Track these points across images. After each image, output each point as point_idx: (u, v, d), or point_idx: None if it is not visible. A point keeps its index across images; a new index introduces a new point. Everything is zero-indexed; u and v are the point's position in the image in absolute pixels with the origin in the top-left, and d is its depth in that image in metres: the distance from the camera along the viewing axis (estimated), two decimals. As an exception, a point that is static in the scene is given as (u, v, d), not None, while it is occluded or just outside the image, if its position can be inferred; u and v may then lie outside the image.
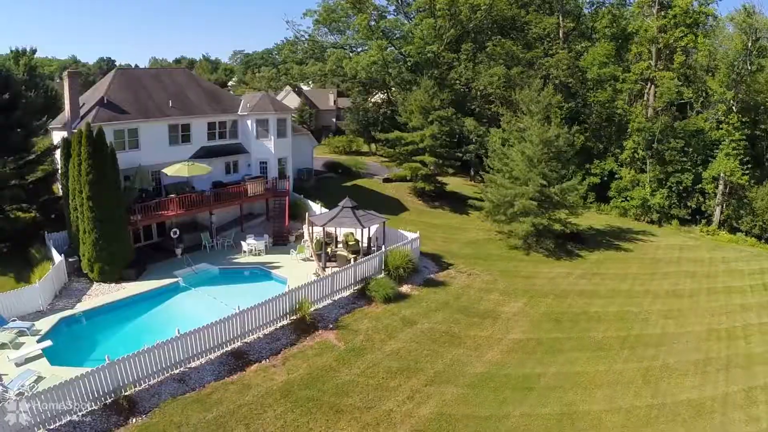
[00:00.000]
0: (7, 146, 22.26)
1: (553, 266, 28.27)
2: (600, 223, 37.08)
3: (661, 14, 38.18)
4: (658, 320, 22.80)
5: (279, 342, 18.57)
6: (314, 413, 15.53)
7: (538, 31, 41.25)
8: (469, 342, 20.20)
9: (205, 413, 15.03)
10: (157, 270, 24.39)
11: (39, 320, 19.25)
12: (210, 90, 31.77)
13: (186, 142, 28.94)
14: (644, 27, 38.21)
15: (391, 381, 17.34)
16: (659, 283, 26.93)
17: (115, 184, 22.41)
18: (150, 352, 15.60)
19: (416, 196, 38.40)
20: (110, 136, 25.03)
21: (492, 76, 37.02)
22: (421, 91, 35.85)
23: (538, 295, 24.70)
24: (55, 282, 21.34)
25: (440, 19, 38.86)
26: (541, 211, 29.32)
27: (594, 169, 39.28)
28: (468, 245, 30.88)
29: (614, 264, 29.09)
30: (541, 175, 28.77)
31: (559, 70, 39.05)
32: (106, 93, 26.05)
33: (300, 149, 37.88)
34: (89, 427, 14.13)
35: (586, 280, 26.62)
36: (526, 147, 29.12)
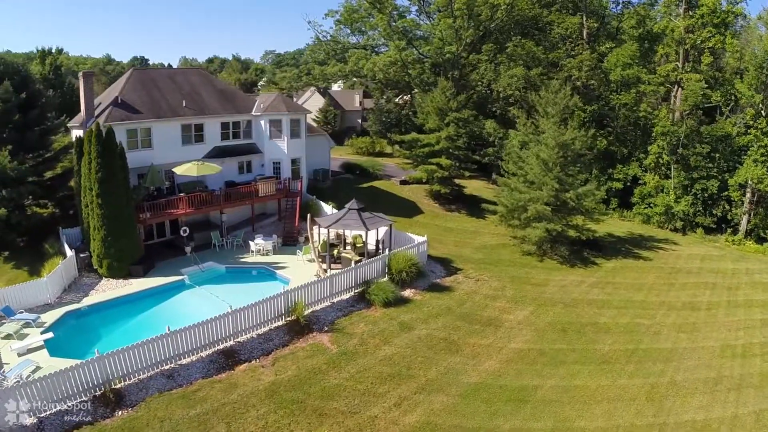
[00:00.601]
0: (24, 144, 23.34)
1: (566, 274, 27.41)
2: (621, 230, 35.74)
3: (689, 14, 36.45)
4: (670, 334, 21.73)
5: (271, 342, 18.71)
6: (297, 415, 15.55)
7: (560, 31, 40.11)
8: (467, 350, 19.79)
9: (188, 410, 15.29)
10: (165, 267, 25.02)
11: (46, 313, 20.09)
12: (224, 90, 32.41)
13: (199, 142, 29.61)
14: (671, 27, 36.56)
15: (380, 387, 17.17)
16: (676, 294, 25.69)
17: (124, 182, 23.14)
18: (139, 348, 16.01)
19: (432, 198, 38.03)
20: (123, 135, 26.03)
21: (511, 77, 36.23)
22: (438, 93, 35.48)
23: (547, 304, 23.99)
24: (65, 276, 22.18)
25: (459, 19, 38.33)
26: (557, 216, 28.51)
27: (617, 174, 37.85)
28: (480, 250, 30.34)
29: (631, 273, 27.94)
30: (557, 179, 27.94)
31: (582, 72, 37.81)
32: (121, 93, 26.98)
33: (316, 150, 38.18)
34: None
35: (598, 290, 25.68)
36: (541, 150, 28.35)
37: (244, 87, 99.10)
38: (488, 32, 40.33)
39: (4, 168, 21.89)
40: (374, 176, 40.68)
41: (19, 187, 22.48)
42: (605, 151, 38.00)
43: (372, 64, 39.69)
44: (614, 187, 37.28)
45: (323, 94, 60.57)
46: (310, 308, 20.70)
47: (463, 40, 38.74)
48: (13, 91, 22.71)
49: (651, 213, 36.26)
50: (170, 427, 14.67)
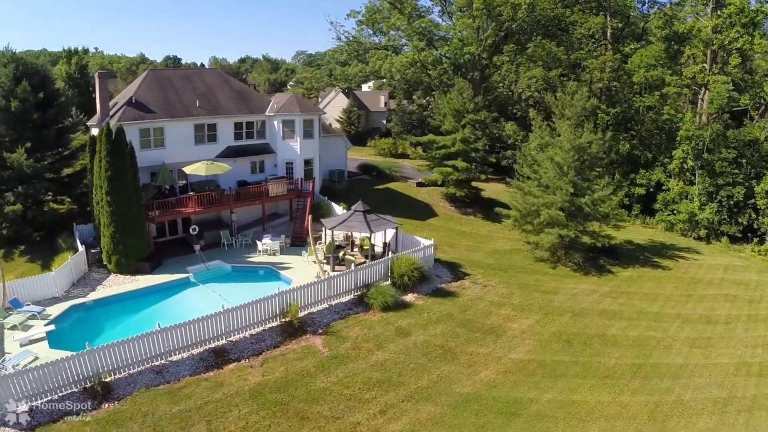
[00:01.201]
0: (42, 142, 24.36)
1: (578, 282, 26.45)
2: (642, 237, 34.24)
3: (716, 14, 34.50)
4: (682, 348, 20.60)
5: (263, 343, 18.79)
6: (278, 417, 15.54)
7: (582, 31, 38.79)
8: (464, 358, 19.33)
9: (172, 406, 15.54)
10: (173, 264, 25.54)
11: (52, 306, 20.84)
12: (239, 90, 32.92)
13: (212, 142, 30.17)
14: (697, 27, 34.72)
15: (367, 393, 16.96)
16: (693, 306, 24.35)
17: (133, 180, 23.74)
18: (129, 343, 16.38)
19: (448, 201, 37.52)
20: (136, 134, 26.82)
21: (530, 79, 35.27)
22: (455, 94, 34.95)
23: (554, 313, 23.19)
24: (74, 271, 22.97)
25: (478, 19, 37.67)
26: (573, 222, 27.57)
27: (640, 180, 36.24)
28: (492, 255, 29.68)
29: (647, 283, 26.68)
30: (572, 183, 27.02)
31: (604, 73, 36.42)
32: (136, 93, 27.79)
33: (333, 151, 38.35)
34: (65, 405, 15.16)
35: (611, 299, 24.63)
36: (555, 153, 27.48)
37: (274, 87, 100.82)
38: (510, 33, 39.51)
39: (20, 165, 22.90)
40: (391, 178, 40.49)
41: (34, 183, 23.46)
42: (628, 155, 36.45)
43: (389, 65, 39.50)
44: (636, 192, 35.68)
45: (347, 94, 60.83)
46: (306, 310, 20.70)
47: (483, 40, 38.08)
48: (31, 91, 23.75)
49: (674, 220, 34.56)
50: (152, 421, 14.94)
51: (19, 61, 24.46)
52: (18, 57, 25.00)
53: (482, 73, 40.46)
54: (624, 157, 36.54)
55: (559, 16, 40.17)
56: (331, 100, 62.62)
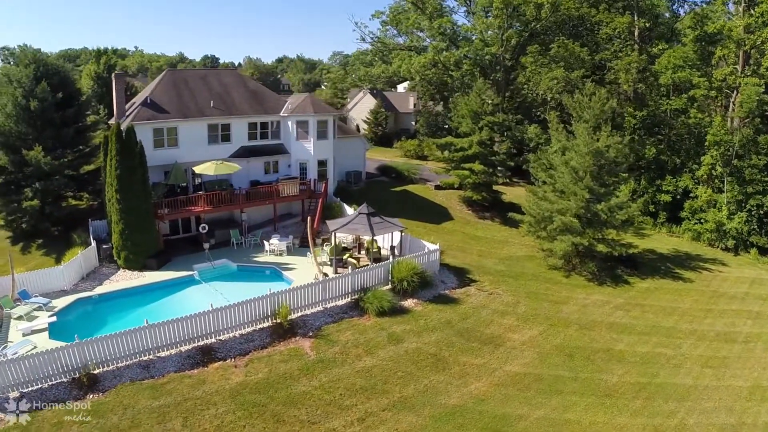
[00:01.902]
0: (61, 140, 25.51)
1: (591, 292, 25.27)
2: (666, 246, 32.34)
3: (748, 13, 32.05)
4: (693, 368, 19.25)
5: (252, 343, 18.91)
6: (254, 419, 15.57)
7: (608, 31, 37.07)
8: (456, 369, 18.78)
9: (153, 401, 15.88)
10: (181, 262, 26.18)
11: (59, 298, 21.75)
12: (255, 91, 33.42)
13: (226, 142, 30.77)
14: (728, 27, 32.39)
15: (348, 399, 16.75)
16: (712, 322, 22.74)
17: (142, 179, 24.48)
18: (116, 338, 16.87)
19: (466, 205, 36.78)
20: (150, 134, 27.69)
21: (552, 80, 34.04)
22: (473, 95, 34.23)
23: (560, 324, 22.23)
24: (84, 265, 23.90)
25: (498, 19, 36.74)
26: (591, 229, 26.40)
27: (666, 186, 34.20)
28: (504, 261, 28.83)
29: (665, 295, 25.14)
30: (587, 189, 25.87)
31: (629, 74, 34.64)
32: (151, 93, 28.70)
33: (350, 151, 38.39)
34: (52, 394, 15.81)
35: (623, 312, 23.36)
36: (571, 157, 26.40)
37: (308, 87, 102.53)
38: (535, 33, 38.33)
39: (38, 162, 24.07)
40: (409, 180, 40.12)
41: (52, 180, 24.59)
42: (655, 160, 34.53)
43: (407, 66, 39.14)
44: (662, 199, 33.72)
45: (375, 95, 60.81)
46: (300, 312, 20.70)
47: (505, 41, 37.10)
48: (50, 91, 24.93)
49: (701, 230, 32.43)
50: (131, 414, 15.32)
51: (39, 62, 25.80)
52: (39, 58, 26.39)
53: (507, 75, 39.47)
54: (650, 162, 34.67)
55: (585, 15, 38.59)
56: (359, 101, 62.79)
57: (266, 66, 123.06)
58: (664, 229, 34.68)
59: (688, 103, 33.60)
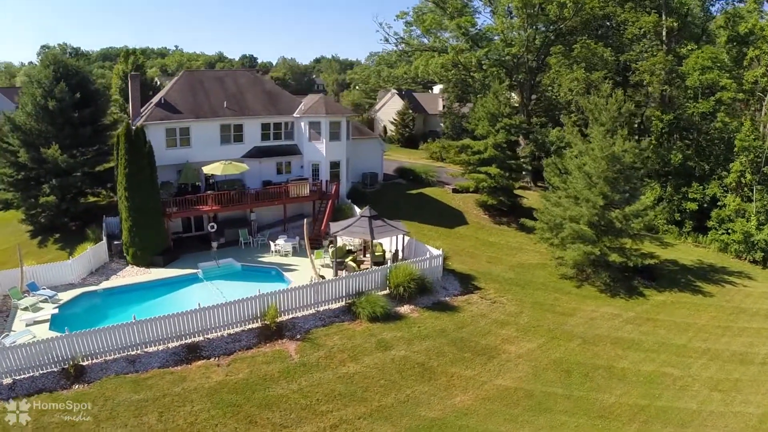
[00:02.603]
0: (79, 139, 26.68)
1: (601, 304, 24.05)
2: (690, 257, 30.34)
3: None
4: (700, 390, 17.92)
5: (238, 343, 19.10)
6: (227, 418, 15.71)
7: (633, 30, 35.19)
8: (443, 380, 18.29)
9: (133, 394, 16.35)
10: (188, 259, 26.80)
11: (66, 291, 22.70)
12: (271, 92, 33.86)
13: (238, 142, 31.31)
14: (760, 26, 29.90)
15: (325, 405, 16.62)
16: (728, 341, 21.09)
17: (150, 178, 25.24)
18: (102, 332, 17.46)
19: (483, 209, 35.91)
20: (162, 133, 28.57)
21: (572, 81, 32.67)
22: (490, 96, 33.41)
23: (562, 337, 21.27)
24: (93, 260, 24.87)
25: (519, 18, 35.70)
26: (607, 238, 25.21)
27: (692, 194, 32.06)
28: (514, 269, 27.93)
29: (681, 310, 23.56)
30: (602, 195, 24.68)
31: (654, 76, 32.73)
32: (166, 93, 29.54)
33: (367, 153, 38.30)
34: (41, 383, 16.56)
35: (633, 326, 22.09)
36: (584, 162, 25.28)
37: (341, 87, 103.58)
38: (561, 34, 37.01)
39: (55, 160, 25.25)
40: (427, 182, 39.59)
41: (68, 177, 25.75)
42: (681, 166, 32.51)
43: (424, 67, 38.65)
44: (689, 208, 31.65)
45: (402, 96, 60.51)
46: (290, 314, 20.76)
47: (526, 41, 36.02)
48: (68, 91, 26.14)
49: (728, 240, 30.16)
50: (110, 406, 15.83)
51: (59, 63, 27.14)
52: (59, 59, 27.78)
53: (532, 76, 38.33)
54: (677, 168, 32.66)
55: (610, 14, 36.86)
56: (387, 102, 62.67)
57: (300, 66, 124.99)
58: (689, 239, 32.62)
59: (716, 107, 31.44)
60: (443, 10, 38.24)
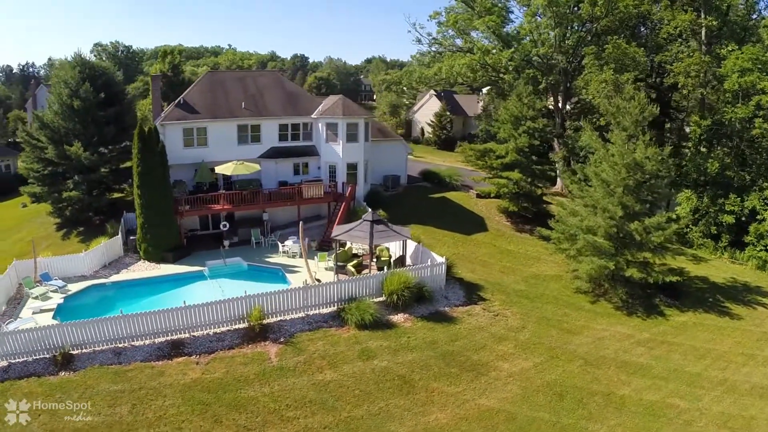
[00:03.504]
0: (103, 137, 28.09)
1: (614, 322, 22.37)
2: (724, 274, 27.53)
3: None
4: (707, 428, 16.14)
5: (221, 343, 19.34)
6: (194, 416, 15.96)
7: (669, 29, 32.36)
8: (422, 395, 17.62)
9: (111, 385, 17.01)
10: (198, 257, 27.53)
11: (77, 283, 23.91)
12: (291, 93, 34.25)
13: (255, 142, 31.89)
14: None
15: (293, 411, 16.47)
16: (750, 371, 18.88)
17: (162, 176, 26.16)
18: (90, 324, 18.26)
19: (505, 216, 34.57)
20: (180, 133, 29.57)
21: (600, 83, 30.60)
22: (513, 99, 32.07)
23: (563, 356, 19.96)
24: (107, 254, 26.06)
25: (546, 17, 33.95)
26: (628, 251, 23.50)
27: (729, 206, 28.97)
28: (527, 280, 26.63)
29: (702, 333, 21.40)
30: (621, 205, 23.00)
31: (690, 78, 29.92)
32: (187, 93, 30.52)
33: (389, 155, 37.96)
34: (32, 368, 17.55)
35: (644, 349, 20.33)
36: (602, 169, 23.67)
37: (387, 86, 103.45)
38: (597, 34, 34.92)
39: (78, 157, 26.73)
40: (451, 186, 38.69)
41: (90, 174, 27.19)
42: (719, 175, 29.60)
43: (448, 67, 37.68)
44: (725, 221, 28.71)
45: (440, 97, 59.56)
46: (277, 317, 20.76)
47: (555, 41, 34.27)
48: (93, 91, 27.61)
49: (767, 257, 27.09)
50: (88, 394, 16.55)
51: (86, 65, 28.73)
52: (86, 61, 29.41)
53: (567, 78, 36.49)
54: (714, 177, 29.77)
55: (645, 13, 34.24)
56: (424, 103, 61.99)
57: (346, 66, 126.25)
58: (725, 255, 29.72)
59: (756, 111, 28.36)
60: (472, 9, 37.20)
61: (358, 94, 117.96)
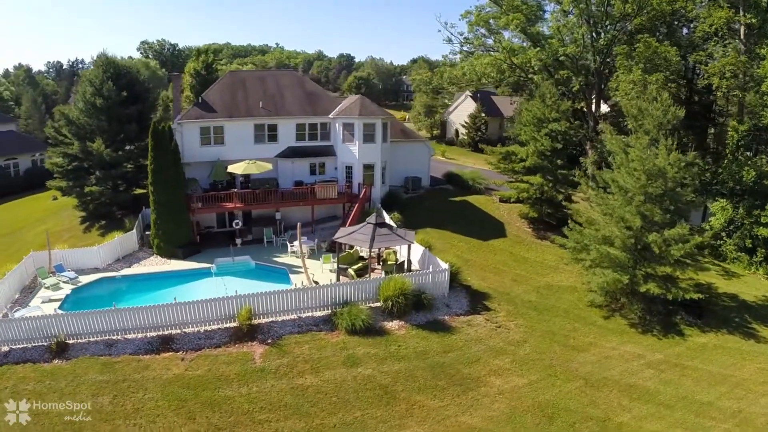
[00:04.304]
0: (126, 135, 29.16)
1: (626, 340, 20.81)
2: (756, 292, 24.82)
3: None
4: (704, 468, 14.58)
5: (210, 340, 19.52)
6: (169, 410, 16.30)
7: (704, 28, 29.61)
8: (402, 407, 17.03)
9: (98, 375, 17.59)
10: (209, 254, 28.02)
11: (89, 275, 24.87)
12: (312, 92, 34.33)
13: (272, 141, 32.17)
14: None
15: (266, 414, 16.37)
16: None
17: (175, 174, 26.84)
18: (84, 316, 18.99)
19: (527, 222, 33.13)
20: (197, 132, 30.23)
21: (628, 84, 28.52)
22: (536, 99, 30.64)
23: (562, 375, 18.76)
24: (121, 248, 27.02)
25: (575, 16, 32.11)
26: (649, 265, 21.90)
27: (765, 218, 26.10)
28: (539, 290, 25.36)
29: (722, 357, 19.42)
30: (639, 215, 21.40)
31: (724, 80, 27.25)
32: (207, 93, 31.17)
33: (412, 156, 37.38)
34: (29, 354, 18.47)
35: (654, 372, 18.73)
36: (619, 175, 22.11)
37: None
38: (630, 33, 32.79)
39: (99, 154, 27.89)
40: (474, 190, 37.57)
41: (111, 170, 28.31)
42: (755, 184, 26.83)
43: (470, 67, 36.48)
44: (760, 234, 25.97)
45: (475, 98, 58.14)
46: (268, 317, 20.72)
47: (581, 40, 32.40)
48: (115, 90, 28.73)
49: None
50: (76, 382, 17.22)
51: (110, 64, 29.94)
52: (111, 60, 30.64)
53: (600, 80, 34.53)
54: (750, 186, 27.02)
55: (680, 10, 31.59)
56: (459, 104, 60.72)
57: (387, 67, 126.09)
58: (760, 270, 26.95)
59: None
60: (500, 7, 35.96)
61: (399, 95, 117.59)
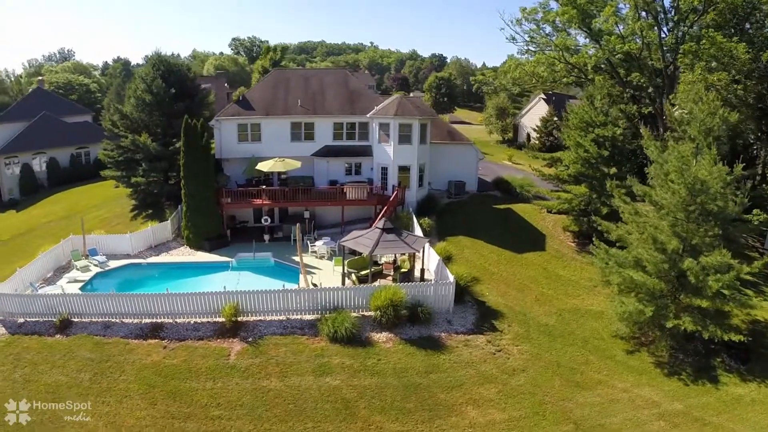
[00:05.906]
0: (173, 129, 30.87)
1: (643, 382, 17.72)
2: None
3: None
4: None
5: (196, 332, 20.02)
6: (136, 394, 17.15)
7: None
8: (358, 425, 16.11)
9: (89, 353, 18.90)
10: (234, 248, 28.72)
11: (120, 260, 26.63)
12: (354, 91, 34.01)
13: (309, 140, 32.36)
14: None
15: (219, 411, 16.47)
16: None
17: (205, 169, 27.93)
18: (83, 297, 20.50)
19: (572, 235, 29.93)
20: (235, 128, 31.21)
21: (687, 84, 24.11)
22: (584, 102, 27.44)
23: (551, 416, 16.48)
24: (153, 237, 28.69)
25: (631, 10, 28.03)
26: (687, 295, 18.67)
27: None
28: (561, 313, 22.67)
29: (758, 414, 15.52)
30: (675, 235, 18.23)
31: None
32: (250, 90, 32.08)
33: (457, 159, 35.77)
34: (39, 327, 20.28)
35: (666, 425, 15.66)
36: (653, 190, 18.99)
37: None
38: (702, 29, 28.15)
39: (146, 147, 29.83)
40: (521, 197, 34.85)
41: (156, 163, 30.15)
42: None
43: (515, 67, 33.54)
44: None
45: (549, 101, 54.10)
46: (256, 316, 20.70)
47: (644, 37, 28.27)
48: (164, 86, 30.47)
49: None
50: (68, 356, 18.68)
51: (161, 62, 31.82)
52: (162, 58, 32.55)
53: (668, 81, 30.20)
54: None
55: (753, 3, 26.05)
56: (532, 107, 56.96)
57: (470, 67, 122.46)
58: None
59: None
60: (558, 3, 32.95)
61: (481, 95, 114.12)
